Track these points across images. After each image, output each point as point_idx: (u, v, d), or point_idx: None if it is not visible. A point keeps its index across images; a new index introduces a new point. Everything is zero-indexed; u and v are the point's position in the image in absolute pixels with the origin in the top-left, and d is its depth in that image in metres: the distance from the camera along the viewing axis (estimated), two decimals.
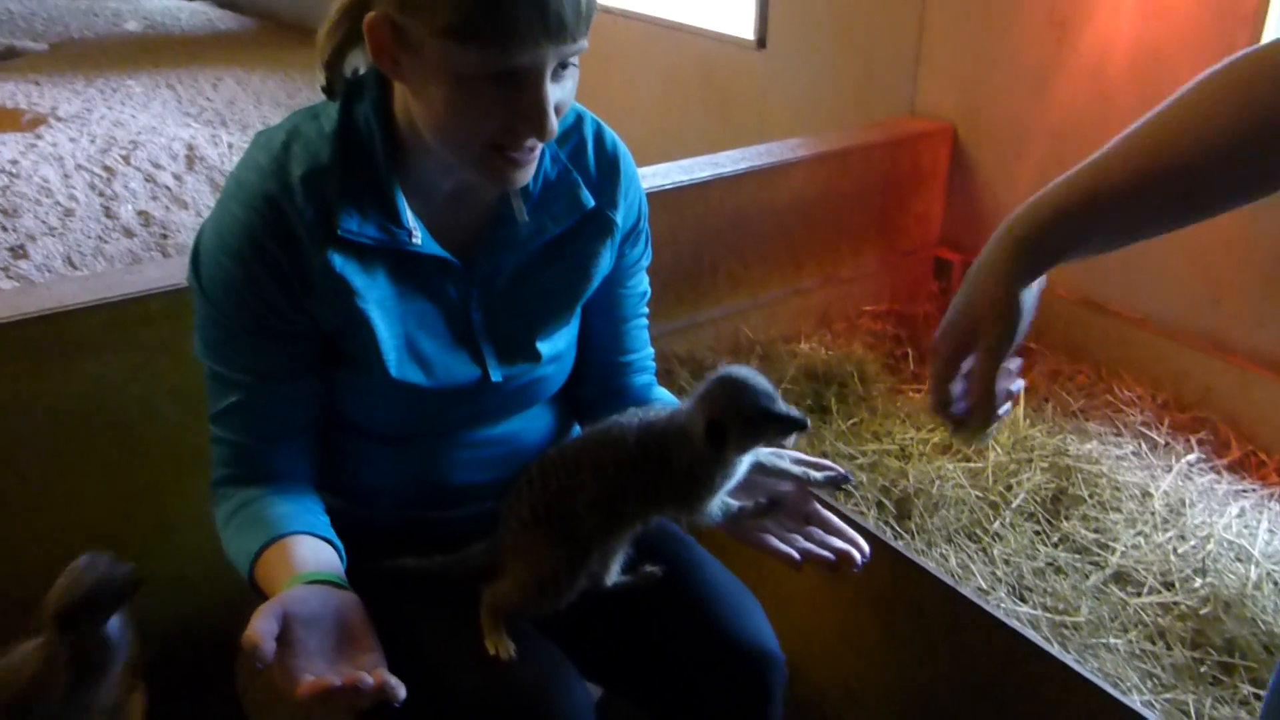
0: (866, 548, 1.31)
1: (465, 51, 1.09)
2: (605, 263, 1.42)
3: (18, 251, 3.34)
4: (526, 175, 1.24)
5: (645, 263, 1.52)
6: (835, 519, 1.36)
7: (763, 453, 1.37)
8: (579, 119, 1.40)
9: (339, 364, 1.31)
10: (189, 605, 2.03)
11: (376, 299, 1.27)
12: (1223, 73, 0.95)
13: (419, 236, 1.27)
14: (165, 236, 3.59)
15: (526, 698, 1.24)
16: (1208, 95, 0.95)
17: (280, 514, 1.27)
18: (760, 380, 1.27)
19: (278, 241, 1.20)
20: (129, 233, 3.60)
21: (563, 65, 1.17)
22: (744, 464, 1.32)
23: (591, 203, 1.37)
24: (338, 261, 1.23)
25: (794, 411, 1.26)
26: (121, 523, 1.92)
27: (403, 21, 1.11)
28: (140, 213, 3.72)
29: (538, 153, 1.23)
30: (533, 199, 1.34)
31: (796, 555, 1.30)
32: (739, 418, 1.24)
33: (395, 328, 1.29)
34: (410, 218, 1.26)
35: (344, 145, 1.23)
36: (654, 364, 1.59)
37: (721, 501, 1.31)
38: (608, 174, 1.40)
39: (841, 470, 1.36)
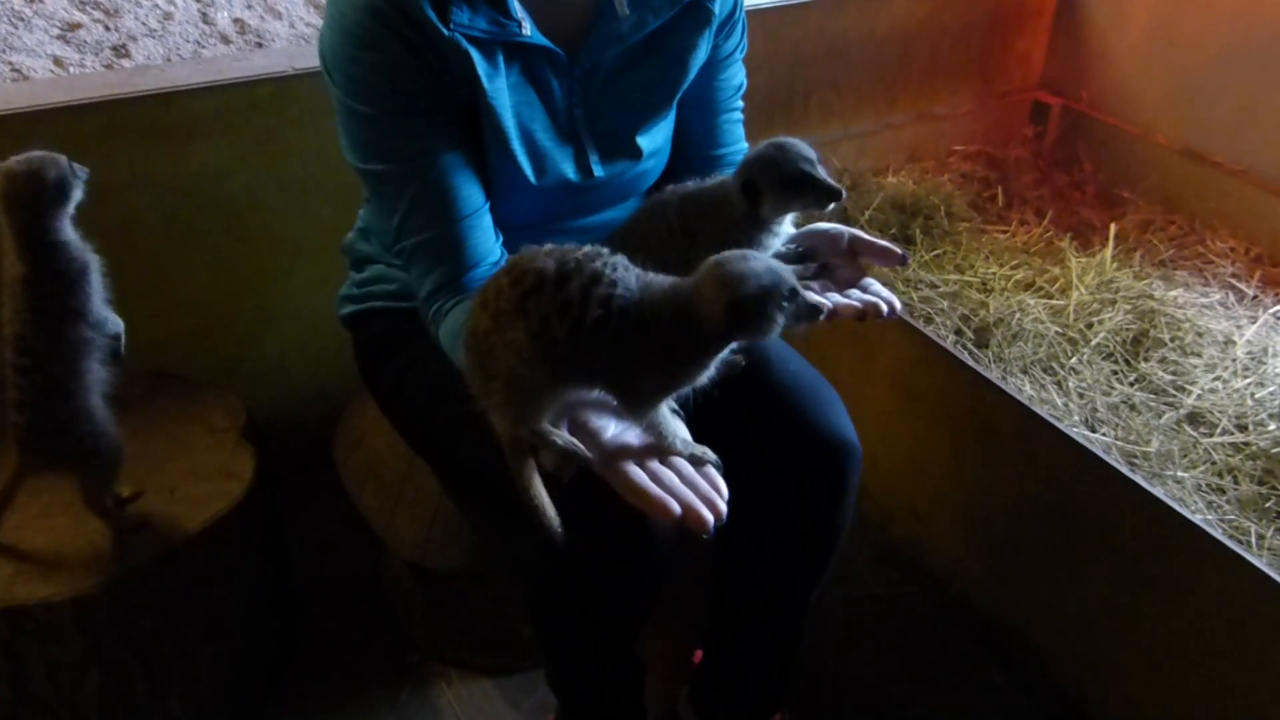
0: (899, 305, 1.28)
1: None
2: (702, 54, 1.43)
3: (120, 50, 3.39)
4: None
5: (741, 54, 1.52)
6: (875, 283, 1.32)
7: (820, 226, 1.39)
8: None
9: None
10: (291, 392, 2.15)
11: (498, 87, 1.29)
12: None
13: (528, 28, 1.28)
14: (260, 44, 3.61)
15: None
16: None
17: None
18: (802, 147, 1.31)
19: (403, 19, 1.22)
20: (225, 39, 3.61)
21: None
22: (782, 230, 1.36)
23: None
24: (463, 42, 1.24)
25: (831, 180, 1.29)
26: (227, 309, 2.01)
27: None
28: (236, 20, 3.73)
29: None
30: None
31: (828, 304, 1.24)
32: (774, 179, 1.29)
33: (512, 120, 1.31)
34: (518, 8, 1.27)
35: None
36: None
37: None
38: None
39: (900, 251, 1.33)
